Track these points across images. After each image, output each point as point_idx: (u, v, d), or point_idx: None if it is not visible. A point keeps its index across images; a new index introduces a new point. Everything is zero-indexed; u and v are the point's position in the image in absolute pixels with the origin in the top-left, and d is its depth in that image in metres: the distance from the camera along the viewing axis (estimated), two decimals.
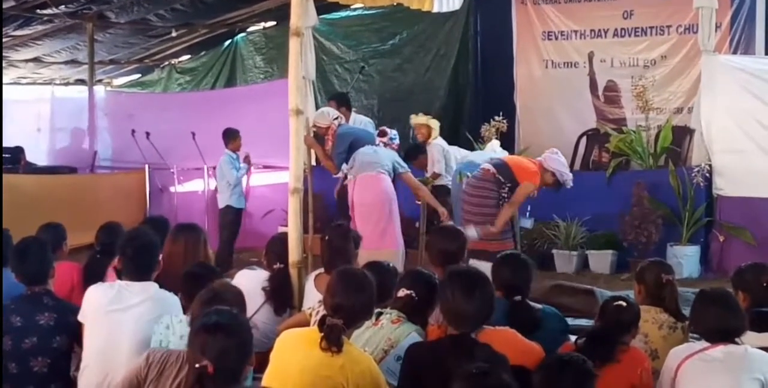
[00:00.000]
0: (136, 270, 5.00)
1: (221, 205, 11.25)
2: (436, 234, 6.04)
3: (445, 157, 10.46)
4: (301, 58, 6.29)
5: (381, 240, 8.46)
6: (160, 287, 5.00)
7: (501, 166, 8.16)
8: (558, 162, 8.21)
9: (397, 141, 9.74)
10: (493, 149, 10.17)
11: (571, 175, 8.32)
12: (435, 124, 10.74)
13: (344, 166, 9.28)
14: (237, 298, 4.60)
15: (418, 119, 10.90)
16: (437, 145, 10.55)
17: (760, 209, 9.66)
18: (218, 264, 6.88)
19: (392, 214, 8.76)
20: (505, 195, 8.07)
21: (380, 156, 8.90)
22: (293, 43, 5.97)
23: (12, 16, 13.36)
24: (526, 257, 5.50)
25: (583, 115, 12.93)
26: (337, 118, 9.45)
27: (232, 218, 11.14)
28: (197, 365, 3.44)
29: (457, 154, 10.53)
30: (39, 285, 5.19)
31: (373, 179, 8.72)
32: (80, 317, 4.95)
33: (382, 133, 9.75)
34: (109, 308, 4.85)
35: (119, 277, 5.07)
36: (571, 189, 8.38)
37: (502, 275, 5.10)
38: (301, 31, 6.01)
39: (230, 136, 11.26)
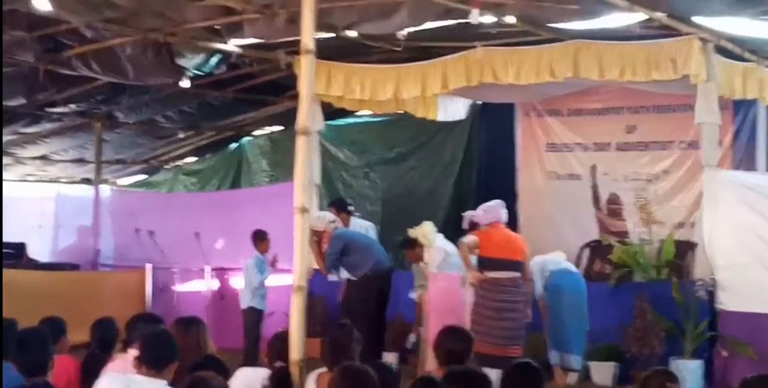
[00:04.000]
0: (155, 361, 5.00)
1: (243, 306, 11.21)
2: (445, 334, 6.02)
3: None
4: (308, 157, 6.35)
5: None
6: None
7: None
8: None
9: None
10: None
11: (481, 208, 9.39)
12: (427, 233, 10.69)
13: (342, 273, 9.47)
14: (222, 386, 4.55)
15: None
16: (439, 249, 10.51)
17: (763, 324, 9.59)
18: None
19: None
20: None
21: None
22: (300, 142, 6.04)
23: (21, 113, 13.56)
24: (537, 365, 5.47)
25: (585, 227, 12.95)
26: (333, 222, 9.60)
27: (255, 319, 11.10)
28: None
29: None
30: (38, 376, 5.15)
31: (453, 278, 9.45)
32: None
33: None
34: None
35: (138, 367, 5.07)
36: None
37: (512, 379, 5.06)
38: (309, 131, 6.08)
39: (259, 238, 11.30)
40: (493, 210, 9.52)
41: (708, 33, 9.57)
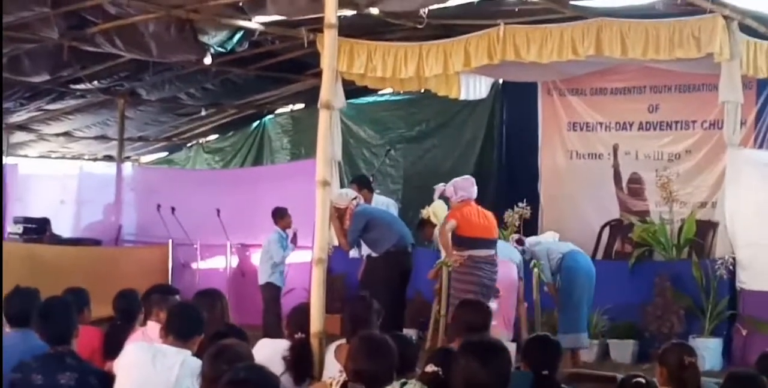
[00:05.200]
0: (181, 332, 5.07)
1: (261, 281, 11.29)
2: (462, 307, 6.06)
3: None
4: (330, 132, 6.39)
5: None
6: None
7: None
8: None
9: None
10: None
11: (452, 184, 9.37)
12: (437, 212, 10.69)
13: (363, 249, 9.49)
14: (248, 355, 4.60)
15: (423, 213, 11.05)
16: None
17: None
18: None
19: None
20: None
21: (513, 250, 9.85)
22: (323, 116, 6.07)
23: (45, 89, 13.66)
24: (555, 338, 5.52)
25: (606, 206, 12.94)
26: (355, 199, 9.62)
27: (273, 295, 11.18)
28: None
29: None
30: (62, 345, 5.21)
31: (508, 266, 9.50)
32: (115, 368, 4.97)
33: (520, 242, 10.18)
34: (142, 367, 4.87)
35: (164, 337, 5.14)
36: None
37: (532, 351, 5.10)
38: (332, 105, 6.11)
39: (279, 215, 11.38)
40: (465, 188, 9.41)
41: (732, 11, 9.51)
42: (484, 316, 5.79)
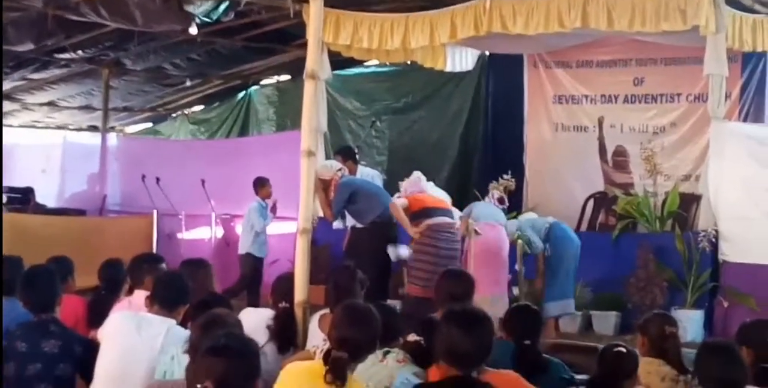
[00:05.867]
0: (167, 301, 5.09)
1: (241, 251, 11.35)
2: (445, 276, 6.09)
3: None
4: (315, 102, 6.39)
5: (497, 286, 9.11)
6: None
7: None
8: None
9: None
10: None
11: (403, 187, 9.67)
12: None
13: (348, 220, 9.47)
14: (237, 324, 4.63)
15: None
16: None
17: (765, 276, 9.63)
18: None
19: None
20: None
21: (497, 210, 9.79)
22: (308, 86, 6.08)
23: (30, 59, 13.57)
24: (536, 308, 5.57)
25: (591, 179, 12.97)
26: (340, 170, 9.63)
27: (252, 265, 11.22)
28: (198, 386, 3.40)
29: None
30: (46, 313, 5.23)
31: (497, 228, 9.45)
32: (99, 336, 5.00)
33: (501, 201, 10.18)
34: (127, 335, 4.89)
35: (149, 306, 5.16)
36: None
37: (513, 321, 5.14)
38: (317, 75, 6.11)
39: (260, 184, 11.43)
40: (413, 183, 9.63)
41: None
42: (467, 285, 5.83)
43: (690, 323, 9.56)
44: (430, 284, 8.28)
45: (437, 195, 9.64)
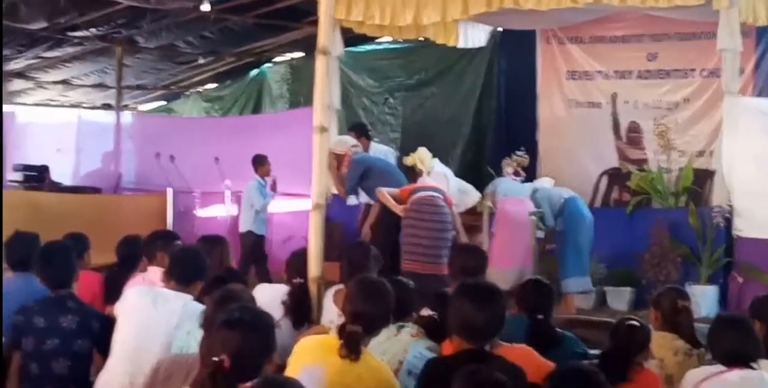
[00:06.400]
0: (183, 277, 5.12)
1: (242, 229, 11.38)
2: (458, 251, 6.12)
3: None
4: (327, 78, 6.40)
5: (525, 259, 9.27)
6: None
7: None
8: None
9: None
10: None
11: None
12: (424, 159, 10.69)
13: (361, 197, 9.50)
14: (252, 300, 4.65)
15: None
16: (438, 173, 10.47)
17: None
18: None
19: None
20: None
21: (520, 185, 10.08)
22: (320, 62, 6.09)
23: (43, 37, 13.60)
24: (549, 282, 5.59)
25: (604, 155, 12.94)
26: (354, 146, 9.61)
27: (253, 243, 11.25)
28: (214, 359, 3.39)
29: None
30: (63, 288, 5.27)
31: (524, 203, 9.61)
32: (116, 312, 5.04)
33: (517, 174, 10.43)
34: (144, 310, 4.93)
35: (166, 282, 5.19)
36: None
37: (526, 295, 5.17)
38: (328, 51, 6.11)
39: (259, 162, 11.46)
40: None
41: None
42: (479, 260, 5.86)
43: (704, 298, 9.56)
44: (417, 258, 8.36)
45: (429, 180, 9.56)
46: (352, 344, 4.08)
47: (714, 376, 4.40)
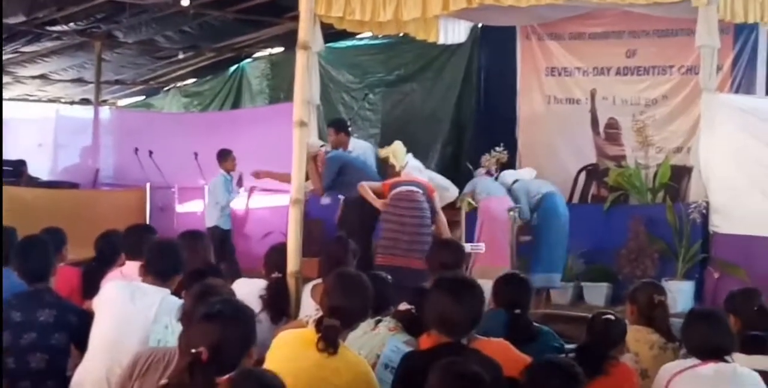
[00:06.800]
0: (161, 271, 5.12)
1: (209, 224, 11.39)
2: (437, 247, 6.14)
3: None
4: (307, 74, 6.40)
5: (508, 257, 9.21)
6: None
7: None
8: None
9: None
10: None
11: None
12: (397, 153, 10.72)
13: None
14: (231, 294, 4.66)
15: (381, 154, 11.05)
16: (413, 167, 10.50)
17: (755, 247, 9.66)
18: None
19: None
20: None
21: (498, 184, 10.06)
22: (300, 56, 6.09)
23: (21, 31, 13.54)
24: (526, 276, 5.61)
25: (583, 151, 12.99)
26: (322, 146, 9.69)
27: (220, 238, 11.26)
28: (193, 351, 3.40)
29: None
30: (40, 282, 5.26)
31: (504, 202, 9.62)
32: (94, 306, 5.03)
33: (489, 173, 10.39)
34: (122, 304, 4.93)
35: (143, 276, 5.18)
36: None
37: (504, 290, 5.19)
38: (309, 46, 6.12)
39: (223, 157, 11.46)
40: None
41: None
42: (458, 255, 5.88)
43: (680, 293, 9.62)
44: (394, 251, 8.38)
45: (409, 172, 9.59)
46: (329, 338, 4.08)
47: (688, 369, 4.44)
